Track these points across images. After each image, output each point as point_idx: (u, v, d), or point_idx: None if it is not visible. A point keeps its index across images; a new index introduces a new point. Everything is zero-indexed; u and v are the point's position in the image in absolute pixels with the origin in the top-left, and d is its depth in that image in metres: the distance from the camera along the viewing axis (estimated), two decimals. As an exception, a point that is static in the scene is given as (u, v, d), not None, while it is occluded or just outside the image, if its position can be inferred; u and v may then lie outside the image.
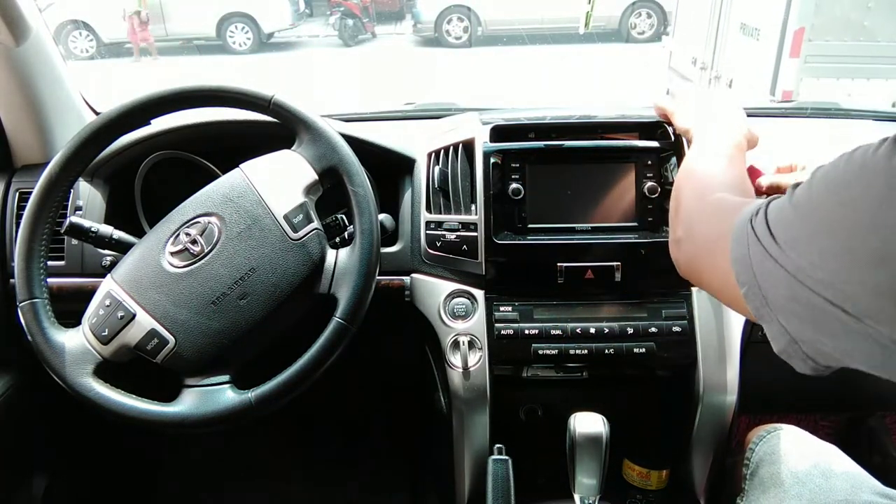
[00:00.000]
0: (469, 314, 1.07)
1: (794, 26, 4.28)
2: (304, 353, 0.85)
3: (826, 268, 0.49)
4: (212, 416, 0.84)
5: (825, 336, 0.51)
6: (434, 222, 1.09)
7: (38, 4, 1.13)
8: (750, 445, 1.00)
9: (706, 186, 0.77)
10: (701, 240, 0.71)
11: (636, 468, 1.11)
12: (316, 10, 9.27)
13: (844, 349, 0.50)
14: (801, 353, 0.54)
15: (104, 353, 0.86)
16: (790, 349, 0.54)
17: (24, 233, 0.88)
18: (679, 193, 0.81)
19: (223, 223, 0.88)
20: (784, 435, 0.99)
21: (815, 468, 0.90)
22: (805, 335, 0.53)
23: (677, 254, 0.78)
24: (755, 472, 0.97)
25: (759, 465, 0.97)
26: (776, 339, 0.55)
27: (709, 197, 0.73)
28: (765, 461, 0.96)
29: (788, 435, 0.99)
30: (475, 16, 7.74)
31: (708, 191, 0.75)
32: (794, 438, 0.98)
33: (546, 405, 1.19)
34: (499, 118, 1.15)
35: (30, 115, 1.17)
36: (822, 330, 0.51)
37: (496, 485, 0.93)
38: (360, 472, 1.70)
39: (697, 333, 1.06)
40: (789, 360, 0.55)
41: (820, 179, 0.52)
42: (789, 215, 0.54)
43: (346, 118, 1.29)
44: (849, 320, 0.48)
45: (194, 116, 1.09)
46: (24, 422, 1.28)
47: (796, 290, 0.51)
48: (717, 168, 0.82)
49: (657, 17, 7.49)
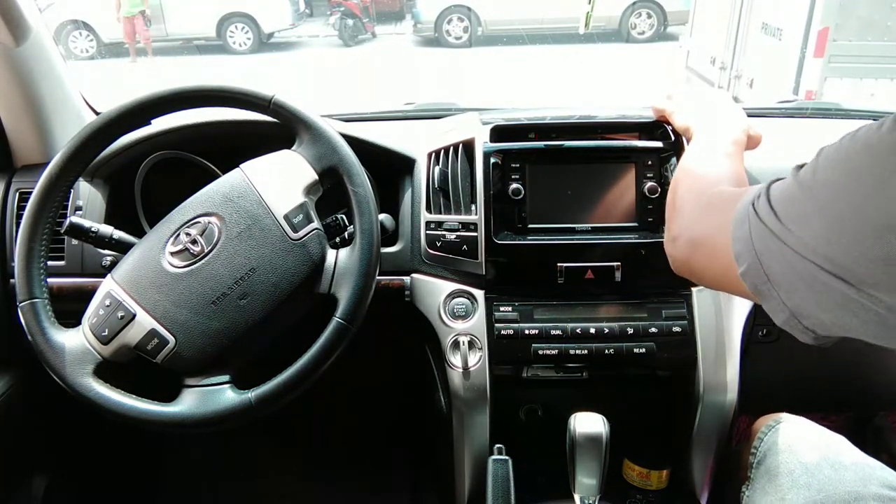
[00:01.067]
0: (469, 314, 1.07)
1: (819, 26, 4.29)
2: (304, 353, 0.85)
3: (830, 240, 0.50)
4: (212, 416, 0.84)
5: (825, 309, 0.53)
6: (434, 222, 1.09)
7: (38, 4, 1.13)
8: (759, 434, 1.00)
9: (704, 184, 0.77)
10: (699, 233, 0.72)
11: (636, 468, 1.11)
12: (316, 10, 9.27)
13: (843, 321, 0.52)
14: (801, 325, 0.56)
15: (104, 353, 0.86)
16: (791, 322, 0.56)
17: (24, 233, 0.88)
18: (676, 191, 0.82)
19: (223, 223, 0.88)
20: (793, 425, 0.99)
21: (825, 459, 0.90)
22: (805, 309, 0.54)
23: (673, 251, 0.78)
24: (762, 460, 0.97)
25: (767, 454, 0.96)
26: (776, 313, 0.57)
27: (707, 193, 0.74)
28: (773, 450, 0.96)
29: (797, 425, 0.99)
30: (475, 16, 7.74)
31: (705, 188, 0.75)
32: (803, 429, 0.98)
33: (546, 405, 1.19)
34: (499, 118, 1.15)
35: (30, 115, 1.17)
36: (823, 303, 0.52)
37: (496, 485, 0.93)
38: (360, 472, 1.70)
39: (697, 333, 1.06)
40: (791, 331, 0.57)
41: (825, 157, 0.53)
42: (794, 193, 0.55)
43: (346, 118, 1.29)
44: (849, 290, 0.50)
45: (194, 116, 1.09)
46: (24, 422, 1.28)
47: (798, 265, 0.53)
48: (715, 165, 0.82)
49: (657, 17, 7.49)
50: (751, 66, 5.11)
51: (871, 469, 0.88)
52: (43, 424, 1.36)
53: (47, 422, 1.36)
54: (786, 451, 0.94)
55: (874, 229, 0.47)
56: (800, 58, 4.45)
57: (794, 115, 1.51)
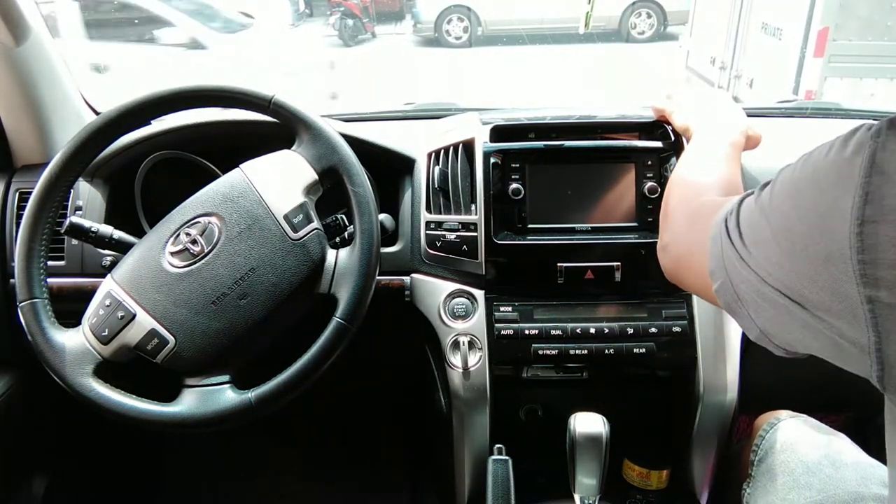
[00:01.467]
0: (469, 314, 1.07)
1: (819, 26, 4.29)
2: (305, 353, 0.85)
3: (783, 266, 0.52)
4: (212, 416, 0.84)
5: (788, 330, 0.54)
6: (434, 222, 1.09)
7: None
8: (759, 433, 1.00)
9: (694, 192, 0.78)
10: (684, 244, 0.74)
11: (636, 468, 1.11)
12: (316, 10, 9.26)
13: (806, 342, 0.54)
14: (772, 343, 0.58)
15: (104, 353, 0.86)
16: (762, 339, 0.59)
17: (24, 233, 0.88)
18: (668, 199, 0.83)
19: (223, 223, 0.88)
20: (794, 423, 0.99)
21: (826, 458, 0.90)
22: (772, 328, 0.56)
23: (664, 259, 0.80)
24: (763, 458, 0.97)
25: (769, 453, 0.97)
26: (749, 330, 0.59)
27: (694, 202, 0.75)
28: (774, 448, 0.96)
29: (798, 423, 0.99)
30: (475, 16, 7.73)
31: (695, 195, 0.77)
32: (805, 427, 0.98)
33: (546, 405, 1.19)
34: (499, 118, 1.15)
35: (30, 115, 1.17)
36: (785, 324, 0.54)
37: (496, 485, 0.93)
38: (360, 472, 1.70)
39: (697, 333, 1.06)
40: (766, 346, 0.59)
41: (781, 182, 0.54)
42: (755, 216, 0.56)
43: (346, 118, 1.29)
44: (806, 316, 0.51)
45: (194, 116, 1.09)
46: (24, 422, 1.28)
47: (761, 288, 0.54)
48: (708, 172, 0.82)
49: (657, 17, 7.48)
50: (751, 65, 5.11)
51: (871, 468, 0.88)
52: (43, 424, 1.36)
53: (47, 422, 1.36)
54: (787, 449, 0.95)
55: (819, 259, 0.48)
56: (800, 57, 4.46)
57: (794, 115, 1.51)
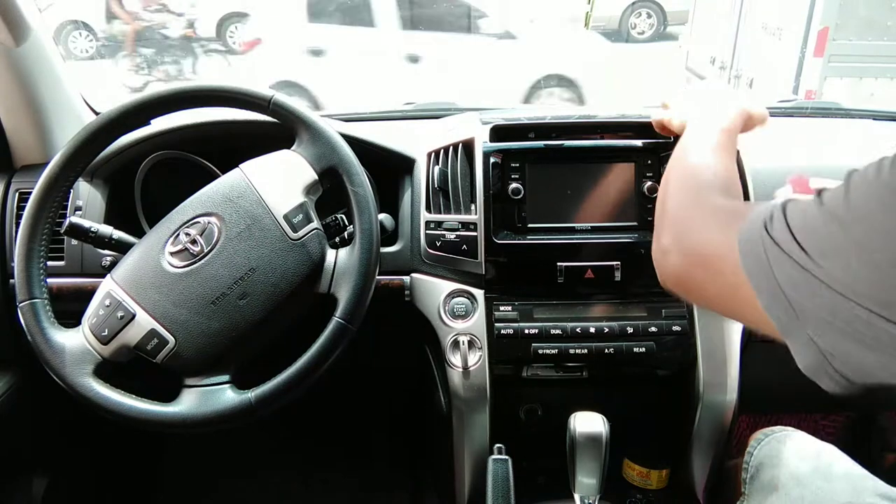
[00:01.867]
0: (469, 314, 1.07)
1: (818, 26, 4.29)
2: (304, 353, 0.85)
3: (872, 280, 0.46)
4: (212, 416, 0.84)
5: (866, 349, 0.47)
6: (434, 222, 1.09)
7: (38, 4, 1.13)
8: (748, 449, 1.00)
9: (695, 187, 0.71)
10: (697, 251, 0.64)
11: (636, 468, 1.11)
12: (316, 10, 9.26)
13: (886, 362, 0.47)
14: (832, 368, 0.50)
15: (104, 353, 0.86)
16: (817, 364, 0.51)
17: (23, 233, 0.88)
18: (666, 194, 0.75)
19: (223, 223, 0.88)
20: (782, 437, 0.98)
21: (816, 471, 0.90)
22: (840, 348, 0.49)
23: (664, 264, 0.69)
24: (755, 475, 0.96)
25: (759, 469, 0.96)
26: (802, 354, 0.51)
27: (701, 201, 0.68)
28: (764, 464, 0.95)
29: (787, 437, 0.98)
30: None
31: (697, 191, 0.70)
32: (793, 440, 0.97)
33: (546, 405, 1.19)
34: (499, 118, 1.15)
35: (30, 116, 1.17)
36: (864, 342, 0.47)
37: (496, 485, 0.93)
38: (360, 472, 1.70)
39: (697, 333, 1.06)
40: (815, 376, 0.51)
41: (859, 186, 0.48)
42: (820, 225, 0.49)
43: (346, 118, 1.29)
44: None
45: (194, 116, 1.09)
46: (24, 422, 1.28)
47: (835, 302, 0.47)
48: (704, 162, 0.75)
49: (657, 17, 7.48)
50: (751, 65, 5.11)
51: (862, 479, 0.88)
52: (43, 424, 1.36)
53: (47, 422, 1.36)
54: (776, 464, 0.94)
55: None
56: (800, 57, 4.45)
57: (793, 115, 1.51)
